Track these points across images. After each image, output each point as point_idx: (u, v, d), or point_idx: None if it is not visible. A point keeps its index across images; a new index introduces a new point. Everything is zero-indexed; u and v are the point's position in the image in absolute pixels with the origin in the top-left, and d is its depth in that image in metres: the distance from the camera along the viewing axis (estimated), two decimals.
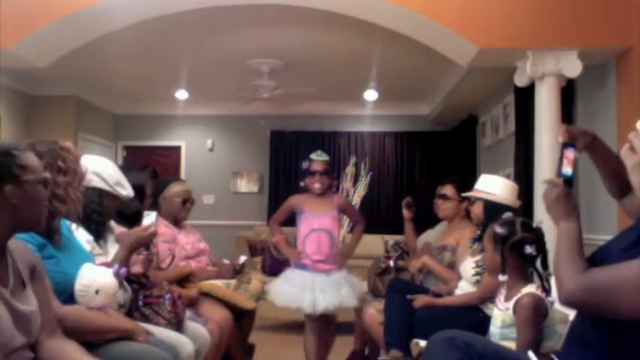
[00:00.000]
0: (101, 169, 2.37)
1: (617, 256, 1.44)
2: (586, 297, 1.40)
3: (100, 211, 2.32)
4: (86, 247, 2.19)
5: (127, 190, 2.41)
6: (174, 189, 3.34)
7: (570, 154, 1.62)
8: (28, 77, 6.54)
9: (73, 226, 2.18)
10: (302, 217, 3.43)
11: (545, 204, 1.61)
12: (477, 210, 2.92)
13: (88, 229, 2.27)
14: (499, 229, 2.11)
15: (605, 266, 1.42)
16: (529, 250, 2.08)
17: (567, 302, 1.48)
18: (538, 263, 2.16)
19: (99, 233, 2.32)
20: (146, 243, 2.33)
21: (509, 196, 2.88)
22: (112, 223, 2.57)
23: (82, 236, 2.21)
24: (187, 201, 3.35)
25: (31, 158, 1.51)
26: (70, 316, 1.76)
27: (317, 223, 3.38)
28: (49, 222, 1.79)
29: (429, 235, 3.83)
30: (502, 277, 2.11)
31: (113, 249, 2.32)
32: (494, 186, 2.92)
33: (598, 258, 1.51)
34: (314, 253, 3.36)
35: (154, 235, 2.31)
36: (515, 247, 2.10)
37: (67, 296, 1.87)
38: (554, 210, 1.57)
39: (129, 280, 2.25)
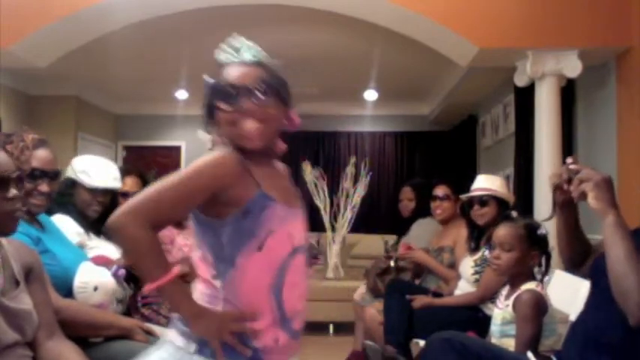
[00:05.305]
0: (75, 159, 2.39)
1: None
2: None
3: (71, 201, 2.29)
4: (76, 239, 2.20)
5: (90, 179, 2.31)
6: None
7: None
8: (28, 77, 6.54)
9: (61, 219, 2.18)
10: (266, 215, 1.32)
11: (592, 192, 1.49)
12: (492, 210, 2.85)
13: (76, 220, 2.27)
14: (542, 230, 2.08)
15: None
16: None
17: None
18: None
19: (86, 226, 2.30)
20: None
21: (508, 193, 2.93)
22: None
23: (71, 228, 2.22)
24: None
25: None
26: (69, 309, 1.76)
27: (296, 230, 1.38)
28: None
29: (420, 239, 3.79)
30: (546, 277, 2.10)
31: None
32: (494, 184, 2.93)
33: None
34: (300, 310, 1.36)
35: None
36: (546, 245, 2.09)
37: (66, 292, 1.86)
38: (604, 196, 1.47)
39: (129, 280, 2.25)
